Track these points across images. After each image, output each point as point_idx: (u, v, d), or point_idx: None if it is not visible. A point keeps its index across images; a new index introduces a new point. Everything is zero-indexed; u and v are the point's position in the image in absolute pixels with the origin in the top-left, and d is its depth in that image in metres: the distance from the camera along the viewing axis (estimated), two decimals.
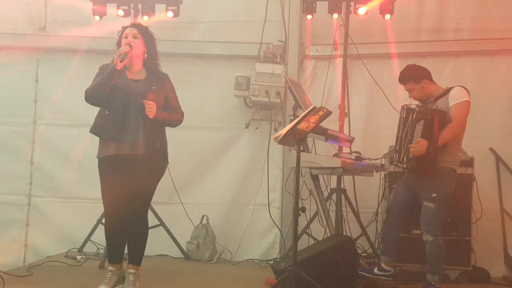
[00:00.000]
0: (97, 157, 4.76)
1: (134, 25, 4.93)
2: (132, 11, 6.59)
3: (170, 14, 6.61)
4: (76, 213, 6.80)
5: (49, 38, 7.12)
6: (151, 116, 4.59)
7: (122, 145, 4.63)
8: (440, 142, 4.95)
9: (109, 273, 4.80)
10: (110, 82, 4.61)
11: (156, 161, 4.76)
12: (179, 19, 6.71)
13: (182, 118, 4.97)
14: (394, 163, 5.13)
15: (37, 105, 7.12)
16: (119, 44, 4.81)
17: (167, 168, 6.53)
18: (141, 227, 4.80)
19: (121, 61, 4.57)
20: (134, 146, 4.64)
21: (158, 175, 4.88)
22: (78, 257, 6.17)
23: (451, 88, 5.17)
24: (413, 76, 5.23)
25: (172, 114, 4.84)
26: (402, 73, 5.31)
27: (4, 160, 7.06)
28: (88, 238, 6.48)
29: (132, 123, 4.64)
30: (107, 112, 4.71)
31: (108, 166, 4.71)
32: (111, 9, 6.60)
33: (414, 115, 4.95)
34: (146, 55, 4.83)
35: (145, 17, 6.62)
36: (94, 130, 4.76)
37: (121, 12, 6.50)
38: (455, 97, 5.07)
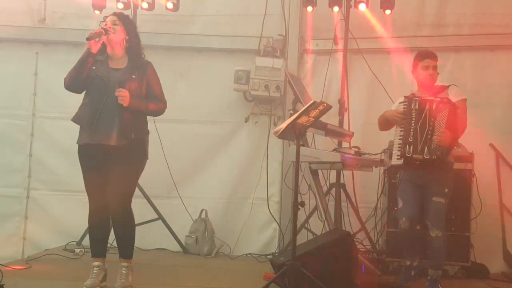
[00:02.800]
0: (76, 143, 4.70)
1: (115, 13, 4.84)
2: (131, 4, 6.56)
3: (169, 5, 6.59)
4: (75, 206, 6.77)
5: (48, 31, 7.12)
6: (124, 105, 4.51)
7: (96, 134, 4.55)
8: (460, 133, 5.04)
9: (95, 268, 4.69)
10: (86, 66, 4.56)
11: (131, 152, 4.61)
12: (179, 13, 6.70)
13: (164, 107, 4.82)
14: (408, 155, 4.97)
15: (36, 98, 7.12)
16: None
17: (166, 162, 6.60)
18: (125, 220, 4.67)
19: (88, 39, 4.50)
20: (108, 136, 4.55)
21: (137, 167, 4.73)
22: (77, 250, 6.17)
23: (447, 86, 5.19)
24: None
25: (152, 104, 4.72)
26: (434, 52, 5.27)
27: (3, 153, 7.06)
28: (86, 231, 6.47)
29: (108, 112, 4.55)
30: (87, 100, 4.67)
31: (84, 154, 4.65)
32: (110, 2, 6.58)
33: (434, 106, 4.91)
34: (127, 43, 4.73)
35: (144, 4, 6.57)
36: (74, 118, 4.69)
37: (120, 5, 6.48)
38: (458, 93, 5.10)
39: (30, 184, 7.08)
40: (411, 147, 4.95)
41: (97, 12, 6.56)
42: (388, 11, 6.36)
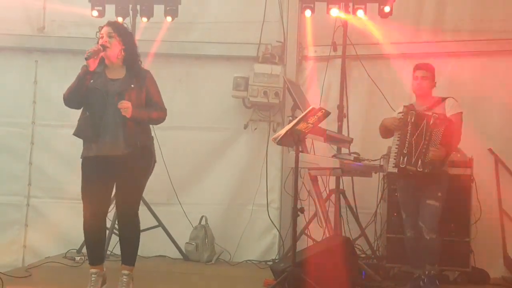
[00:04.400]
0: (80, 157, 4.71)
1: (109, 23, 4.79)
2: (130, 12, 6.58)
3: (168, 19, 6.63)
4: (75, 214, 6.66)
5: (47, 39, 7.14)
6: (127, 116, 4.53)
7: (102, 145, 4.56)
8: (454, 149, 5.20)
9: (93, 275, 4.68)
10: (84, 83, 4.57)
11: (138, 160, 4.64)
12: (178, 20, 6.72)
13: (164, 115, 4.84)
14: (402, 166, 5.06)
15: (36, 106, 7.13)
16: None
17: (165, 169, 6.60)
18: (132, 227, 4.70)
19: (86, 59, 4.50)
20: (114, 147, 4.56)
21: (144, 174, 4.76)
22: (77, 258, 6.15)
23: (444, 98, 5.28)
24: (434, 72, 5.37)
25: (153, 112, 4.73)
26: (428, 64, 5.40)
27: (3, 160, 7.07)
28: None
29: (111, 123, 4.56)
30: (87, 113, 4.67)
31: (90, 166, 4.65)
32: (109, 12, 6.60)
33: (432, 121, 5.01)
34: (124, 53, 4.71)
35: (144, 19, 6.61)
36: (76, 132, 4.70)
37: (120, 19, 6.48)
38: (453, 107, 5.21)
39: (30, 192, 7.09)
40: (405, 158, 5.06)
41: (94, 13, 6.57)
42: (387, 8, 6.34)
